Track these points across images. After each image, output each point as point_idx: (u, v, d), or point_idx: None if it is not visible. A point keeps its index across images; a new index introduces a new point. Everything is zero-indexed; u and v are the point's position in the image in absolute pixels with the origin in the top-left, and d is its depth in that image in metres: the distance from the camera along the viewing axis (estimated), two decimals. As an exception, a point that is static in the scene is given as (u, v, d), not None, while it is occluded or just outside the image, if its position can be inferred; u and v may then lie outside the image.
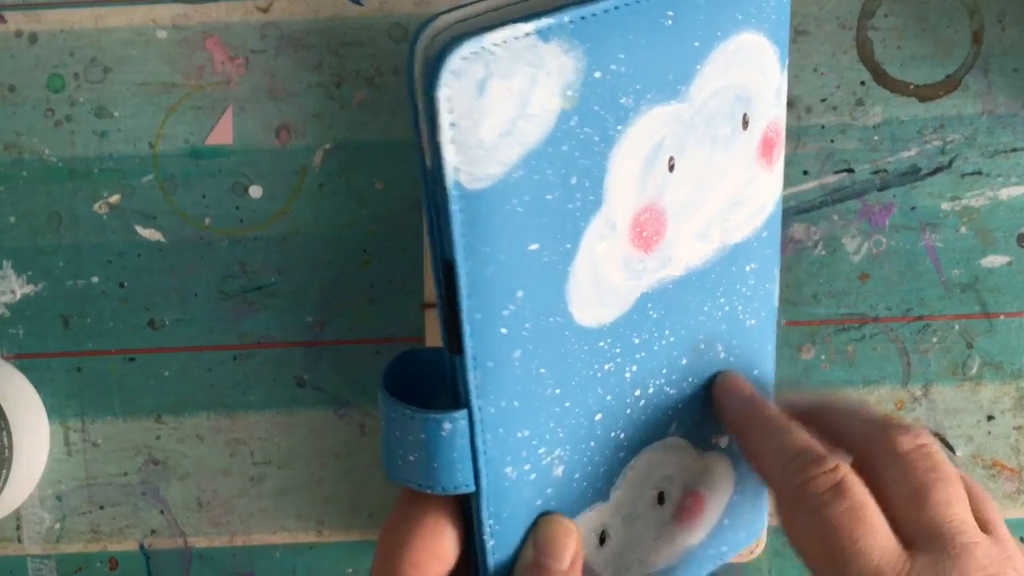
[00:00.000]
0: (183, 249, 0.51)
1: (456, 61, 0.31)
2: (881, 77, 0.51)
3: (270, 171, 0.51)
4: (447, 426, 0.34)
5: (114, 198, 0.52)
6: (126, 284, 0.52)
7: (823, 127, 0.51)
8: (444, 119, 0.31)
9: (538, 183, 0.34)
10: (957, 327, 0.51)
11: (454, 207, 0.32)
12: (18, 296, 0.52)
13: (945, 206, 0.51)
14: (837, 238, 0.51)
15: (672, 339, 0.40)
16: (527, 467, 0.36)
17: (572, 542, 0.38)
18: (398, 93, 0.51)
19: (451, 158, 0.32)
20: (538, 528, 0.38)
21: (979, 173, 0.51)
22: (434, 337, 0.49)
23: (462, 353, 0.34)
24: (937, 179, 0.51)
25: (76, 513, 0.52)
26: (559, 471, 0.38)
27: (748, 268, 0.42)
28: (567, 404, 0.37)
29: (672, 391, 0.41)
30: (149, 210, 0.51)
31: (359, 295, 0.51)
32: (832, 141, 0.51)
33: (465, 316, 0.33)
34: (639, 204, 0.37)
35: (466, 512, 0.37)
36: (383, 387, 0.36)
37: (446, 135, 0.31)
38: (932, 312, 0.51)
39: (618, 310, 0.38)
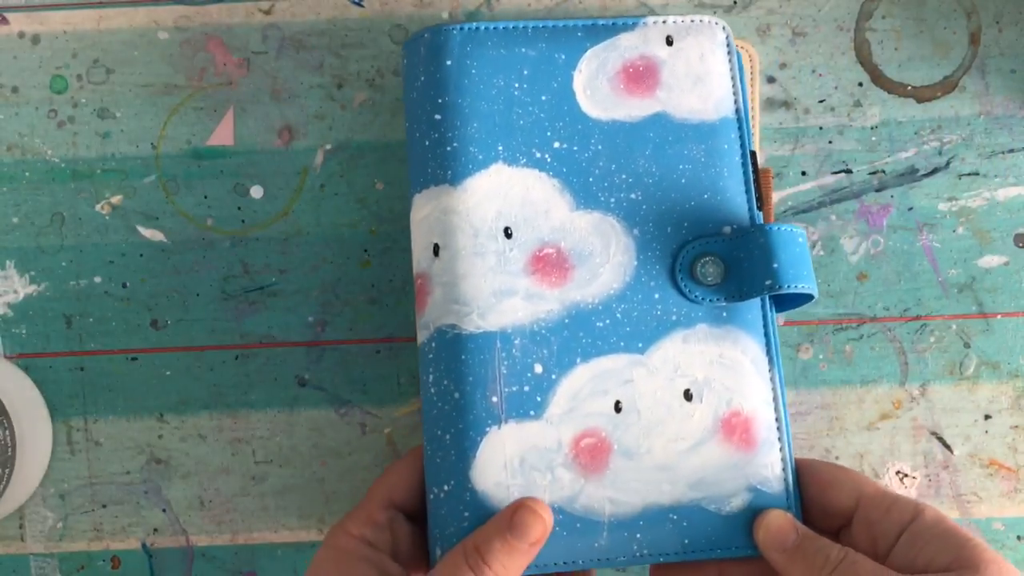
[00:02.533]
0: (185, 249, 0.52)
1: None
2: (879, 78, 0.51)
3: (271, 172, 0.52)
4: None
5: (116, 198, 0.52)
6: (128, 284, 0.52)
7: (821, 128, 0.51)
8: None
9: None
10: (954, 327, 0.51)
11: None
12: (21, 296, 0.52)
13: (942, 206, 0.51)
14: (835, 238, 0.51)
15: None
16: None
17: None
18: (399, 94, 0.51)
19: None
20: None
21: (976, 174, 0.51)
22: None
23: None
24: (934, 180, 0.51)
25: (79, 512, 0.52)
26: None
27: None
28: None
29: None
30: (151, 210, 0.52)
31: (360, 295, 0.52)
32: (830, 142, 0.51)
33: None
34: None
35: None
36: None
37: None
38: (929, 312, 0.51)
39: None
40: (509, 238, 0.44)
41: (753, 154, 0.46)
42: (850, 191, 0.51)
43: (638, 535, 0.43)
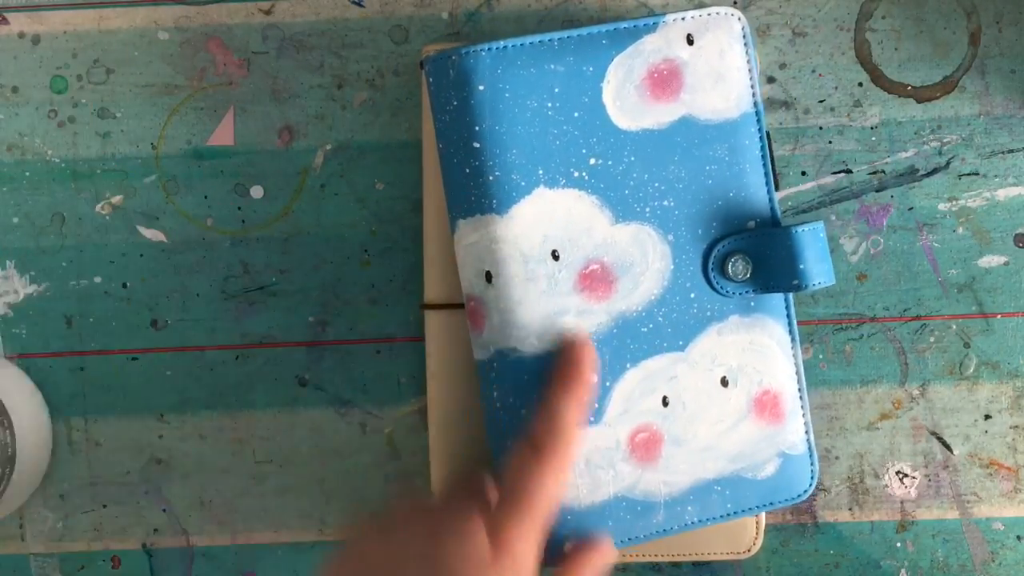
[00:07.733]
0: (185, 249, 0.52)
1: None
2: (879, 78, 0.51)
3: (272, 172, 0.52)
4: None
5: (117, 199, 0.52)
6: (129, 284, 0.52)
7: (821, 128, 0.51)
8: None
9: None
10: (954, 327, 0.51)
11: None
12: (21, 296, 0.52)
13: (942, 206, 0.51)
14: (835, 238, 0.51)
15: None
16: None
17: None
18: (399, 94, 0.51)
19: None
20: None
21: (976, 174, 0.51)
22: (434, 337, 0.49)
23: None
24: (934, 180, 0.51)
25: (79, 512, 0.52)
26: None
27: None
28: None
29: None
30: (151, 211, 0.52)
31: (360, 295, 0.52)
32: (830, 142, 0.51)
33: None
34: None
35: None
36: None
37: None
38: (929, 312, 0.51)
39: None
40: (557, 260, 0.46)
41: (768, 135, 0.48)
42: (850, 191, 0.51)
43: (689, 507, 0.48)
